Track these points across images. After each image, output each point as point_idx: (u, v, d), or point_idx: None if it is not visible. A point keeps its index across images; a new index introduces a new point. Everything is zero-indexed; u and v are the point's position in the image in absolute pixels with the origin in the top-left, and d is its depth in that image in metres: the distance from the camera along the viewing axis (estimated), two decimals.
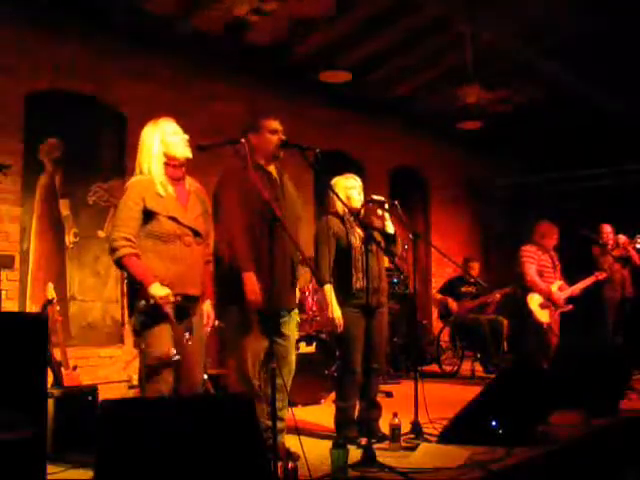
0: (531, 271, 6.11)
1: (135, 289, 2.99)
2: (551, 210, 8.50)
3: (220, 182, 3.50)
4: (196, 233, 3.17)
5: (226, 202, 3.41)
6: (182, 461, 2.15)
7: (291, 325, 3.60)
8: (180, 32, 6.17)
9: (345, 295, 3.91)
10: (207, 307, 3.28)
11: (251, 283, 3.29)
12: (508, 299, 7.17)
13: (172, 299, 2.96)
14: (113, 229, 3.07)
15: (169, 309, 2.96)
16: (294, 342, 3.66)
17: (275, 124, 3.54)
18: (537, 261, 6.14)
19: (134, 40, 6.11)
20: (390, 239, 4.14)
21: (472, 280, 7.21)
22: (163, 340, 2.98)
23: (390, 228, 4.15)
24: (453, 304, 7.28)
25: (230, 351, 3.46)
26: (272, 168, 3.60)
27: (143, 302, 2.90)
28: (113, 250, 3.00)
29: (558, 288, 6.15)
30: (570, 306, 6.15)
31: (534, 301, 6.09)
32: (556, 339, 6.07)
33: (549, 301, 6.07)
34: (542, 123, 9.03)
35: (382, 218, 4.17)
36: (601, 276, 6.44)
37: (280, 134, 3.53)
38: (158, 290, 2.93)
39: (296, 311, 3.67)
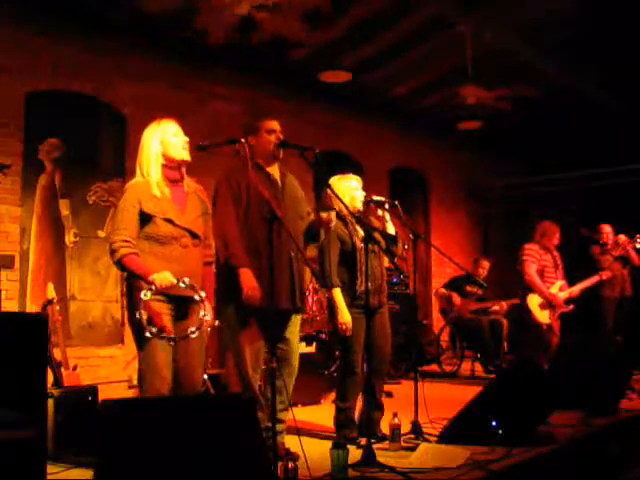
0: (531, 270, 6.10)
1: (135, 287, 2.98)
2: (551, 210, 8.50)
3: (218, 181, 3.49)
4: (194, 235, 3.16)
5: (220, 200, 3.41)
6: (182, 461, 2.15)
7: (293, 328, 3.58)
8: (180, 32, 6.17)
9: (351, 298, 3.90)
10: (207, 308, 3.27)
11: (248, 279, 3.26)
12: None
13: (174, 280, 2.94)
14: (112, 232, 3.09)
15: (164, 309, 2.98)
16: (297, 345, 3.62)
17: (273, 124, 3.52)
18: (538, 260, 6.13)
19: (134, 40, 6.11)
20: (390, 239, 4.13)
21: (473, 280, 7.19)
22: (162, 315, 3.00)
23: (391, 229, 4.14)
24: (457, 299, 7.28)
25: (230, 351, 3.45)
26: (273, 169, 3.57)
27: (144, 291, 2.89)
28: (113, 252, 3.02)
29: (559, 288, 6.15)
30: (570, 306, 6.14)
31: (534, 301, 6.09)
32: (556, 339, 6.07)
33: (547, 302, 6.07)
34: (542, 123, 9.03)
35: (382, 218, 4.16)
36: (605, 276, 6.44)
37: (278, 134, 3.51)
38: (158, 275, 2.92)
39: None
